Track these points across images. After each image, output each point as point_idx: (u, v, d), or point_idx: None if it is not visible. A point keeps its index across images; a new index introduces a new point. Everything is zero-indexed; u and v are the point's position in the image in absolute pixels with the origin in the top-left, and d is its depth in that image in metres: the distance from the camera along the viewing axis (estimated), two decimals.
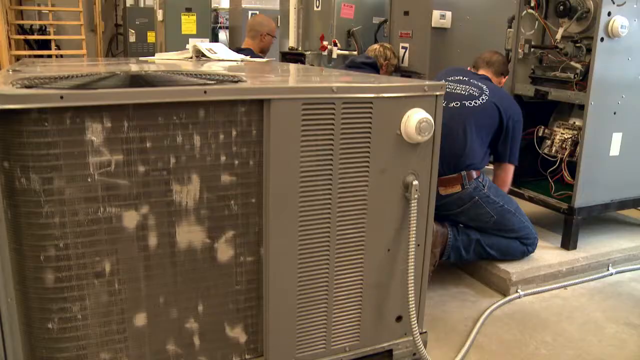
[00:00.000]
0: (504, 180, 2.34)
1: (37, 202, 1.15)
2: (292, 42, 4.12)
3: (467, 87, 2.25)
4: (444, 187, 2.09)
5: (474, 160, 2.13)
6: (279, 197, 1.33)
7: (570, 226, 2.40)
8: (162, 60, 2.61)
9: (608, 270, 2.39)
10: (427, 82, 1.44)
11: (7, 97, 1.07)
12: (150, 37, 8.52)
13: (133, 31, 8.44)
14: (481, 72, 2.45)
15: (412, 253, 1.52)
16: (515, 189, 2.66)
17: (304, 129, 1.31)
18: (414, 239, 1.51)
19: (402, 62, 3.36)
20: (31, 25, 7.36)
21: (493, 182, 2.29)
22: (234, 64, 2.51)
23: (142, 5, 8.58)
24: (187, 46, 2.71)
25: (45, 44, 7.09)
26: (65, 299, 1.22)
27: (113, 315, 1.26)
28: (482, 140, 2.17)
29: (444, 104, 2.20)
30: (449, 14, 3.17)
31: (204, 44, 2.73)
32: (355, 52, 3.69)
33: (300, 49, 4.08)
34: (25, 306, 1.21)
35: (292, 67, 2.16)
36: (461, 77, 2.31)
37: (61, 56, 7.11)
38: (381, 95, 1.37)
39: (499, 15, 3.27)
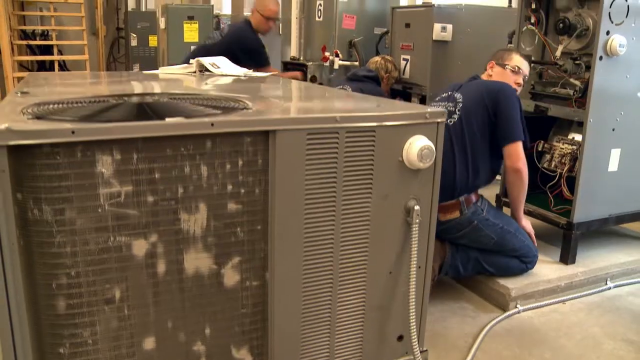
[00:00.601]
0: (513, 166, 2.13)
1: (50, 233, 1.18)
2: (293, 51, 4.15)
3: (446, 103, 2.26)
4: (442, 213, 2.12)
5: (468, 182, 2.14)
6: (284, 224, 1.36)
7: (569, 241, 2.43)
8: (166, 75, 2.64)
9: (606, 284, 2.43)
10: (428, 109, 1.47)
11: (20, 133, 1.10)
12: (152, 41, 8.55)
13: (135, 35, 8.47)
14: (485, 75, 2.40)
15: (414, 275, 1.55)
16: None
17: (309, 157, 1.34)
18: (415, 261, 1.54)
19: (403, 74, 3.39)
20: (33, 30, 7.40)
21: (506, 172, 2.20)
22: (238, 79, 2.54)
23: (143, 10, 8.63)
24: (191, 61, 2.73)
25: (47, 49, 7.12)
26: (76, 325, 1.25)
27: (123, 340, 1.30)
28: (473, 156, 2.15)
29: None
30: (449, 26, 3.20)
31: (207, 59, 2.76)
32: (357, 63, 3.73)
33: (302, 58, 4.11)
34: (38, 332, 1.24)
35: (295, 86, 2.19)
36: (446, 94, 2.33)
37: (63, 62, 7.14)
38: (384, 123, 1.40)
39: (500, 27, 3.30)
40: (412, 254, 1.53)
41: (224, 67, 2.70)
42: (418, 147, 1.42)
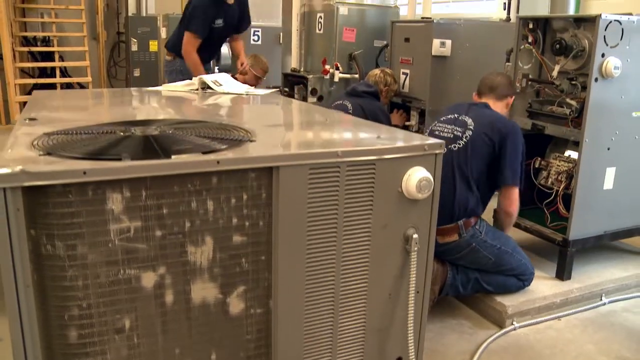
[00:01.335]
0: (507, 209, 2.28)
1: (62, 267, 1.23)
2: (294, 62, 4.20)
3: (452, 127, 2.30)
4: (441, 236, 2.16)
5: (467, 208, 2.18)
6: (287, 254, 1.41)
7: (564, 257, 2.48)
8: (169, 93, 2.69)
9: (601, 300, 2.48)
10: (427, 141, 1.52)
11: (35, 175, 1.15)
12: (152, 46, 8.59)
13: (135, 40, 8.51)
14: (484, 99, 2.44)
15: (412, 300, 1.60)
16: None
17: (311, 190, 1.39)
18: (413, 286, 1.59)
19: (403, 87, 3.44)
20: (34, 36, 7.43)
21: (498, 211, 2.32)
22: (239, 97, 2.59)
23: (144, 15, 8.65)
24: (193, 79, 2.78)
25: (48, 55, 7.16)
26: (87, 354, 1.29)
27: None
28: (473, 183, 2.21)
29: None
30: (448, 42, 3.25)
31: (209, 76, 2.81)
32: (357, 76, 3.77)
33: (302, 69, 4.15)
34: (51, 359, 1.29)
35: (296, 109, 2.23)
36: (452, 116, 2.36)
37: (65, 69, 7.18)
38: (383, 157, 1.45)
39: (498, 41, 3.35)
40: (411, 280, 1.58)
41: (225, 85, 2.75)
42: (417, 178, 1.47)
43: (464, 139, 2.23)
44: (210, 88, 2.70)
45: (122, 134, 1.52)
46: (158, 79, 8.21)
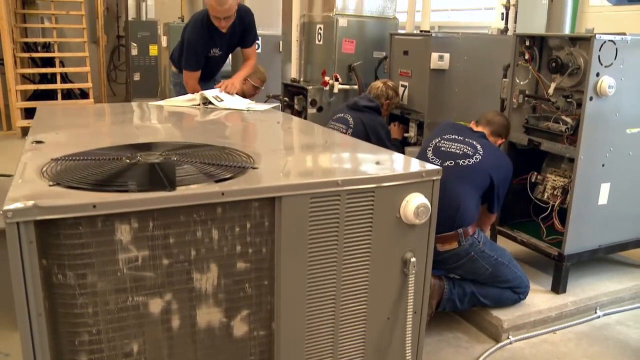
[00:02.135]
0: (486, 224, 2.54)
1: (73, 295, 1.27)
2: (293, 72, 4.24)
3: (461, 145, 2.37)
4: (441, 243, 2.22)
5: (469, 216, 2.25)
6: (289, 279, 1.46)
7: (560, 271, 2.53)
8: (171, 109, 2.73)
9: (596, 313, 2.53)
10: (425, 168, 1.56)
11: (47, 209, 1.19)
12: (152, 50, 8.64)
13: (135, 45, 8.55)
14: (480, 128, 2.55)
15: (410, 320, 1.64)
16: (509, 232, 2.79)
17: (312, 218, 1.43)
18: (411, 307, 1.64)
19: (402, 99, 3.48)
20: (35, 42, 7.45)
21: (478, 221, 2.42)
22: (240, 113, 2.63)
23: (144, 19, 8.68)
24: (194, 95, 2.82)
25: (49, 61, 7.19)
26: None
27: None
28: (475, 196, 2.29)
29: (438, 164, 2.34)
30: (447, 55, 3.29)
31: (210, 92, 2.85)
32: (356, 87, 3.82)
33: (302, 79, 4.20)
34: None
35: (296, 128, 2.27)
36: (456, 136, 2.43)
37: (66, 74, 7.20)
38: (382, 184, 1.49)
39: (495, 54, 3.40)
40: (409, 301, 1.62)
41: (226, 101, 2.79)
42: (415, 205, 1.51)
43: (474, 159, 2.33)
44: (212, 103, 2.75)
45: (127, 160, 1.56)
46: (158, 84, 8.26)
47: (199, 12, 3.51)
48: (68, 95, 6.96)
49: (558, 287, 2.54)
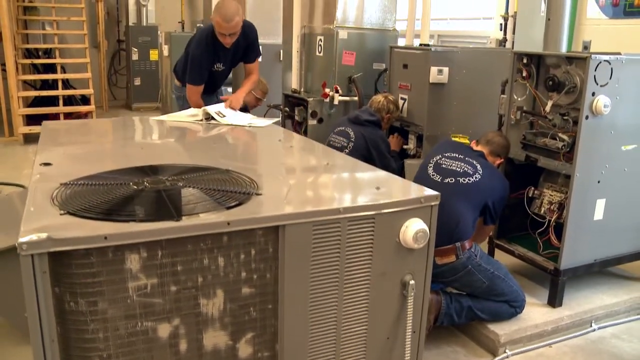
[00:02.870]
0: (482, 237, 2.60)
1: (84, 321, 1.32)
2: (294, 83, 4.28)
3: (461, 164, 2.42)
4: (439, 257, 2.26)
5: (467, 231, 2.30)
6: (292, 302, 1.50)
7: (556, 286, 2.58)
8: (174, 124, 2.78)
9: (591, 326, 2.58)
10: (423, 194, 1.61)
11: (60, 241, 1.24)
12: (153, 55, 8.68)
13: (136, 50, 8.59)
14: (479, 147, 2.60)
15: (409, 339, 1.69)
16: (506, 246, 2.84)
17: (314, 244, 1.48)
18: (410, 327, 1.69)
19: (402, 112, 3.53)
20: (36, 48, 7.48)
21: (474, 237, 2.48)
22: (242, 127, 2.68)
23: (144, 24, 8.72)
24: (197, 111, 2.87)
25: (50, 67, 7.23)
26: None
27: None
28: (473, 213, 2.35)
29: (438, 179, 2.39)
30: (446, 69, 3.34)
31: (212, 107, 2.90)
32: (356, 98, 3.86)
33: (302, 90, 4.24)
34: None
35: (297, 147, 2.32)
36: (457, 155, 2.48)
37: (67, 81, 7.23)
38: (382, 211, 1.54)
39: (494, 67, 3.45)
40: (408, 322, 1.67)
41: (228, 116, 2.84)
42: (414, 230, 1.56)
43: (474, 178, 2.39)
44: (214, 119, 2.79)
45: (135, 187, 1.61)
46: (159, 88, 8.30)
47: (204, 28, 3.56)
48: (69, 101, 6.99)
49: (554, 300, 2.59)
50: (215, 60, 3.45)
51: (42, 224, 1.31)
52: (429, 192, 1.64)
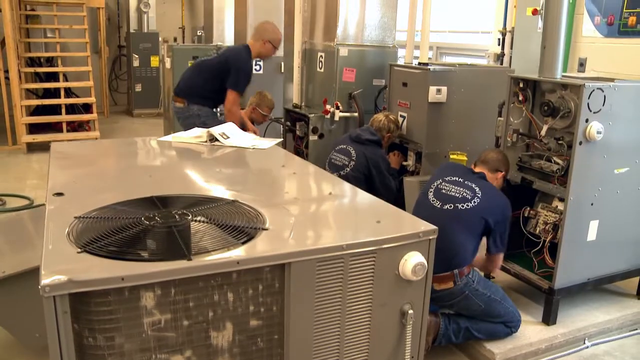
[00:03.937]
0: (490, 269, 2.65)
1: (102, 355, 1.40)
2: (295, 98, 4.36)
3: (461, 189, 2.48)
4: (437, 283, 2.34)
5: (465, 257, 2.38)
6: (297, 333, 1.59)
7: (550, 304, 2.66)
8: (179, 144, 2.85)
9: (584, 343, 2.66)
10: (421, 229, 1.69)
11: (80, 283, 1.32)
12: (154, 61, 8.76)
13: (137, 56, 8.66)
14: (478, 169, 2.65)
15: None
16: (503, 264, 2.92)
17: (318, 279, 1.56)
18: (409, 353, 1.77)
19: (401, 129, 3.61)
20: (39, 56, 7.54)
21: (481, 267, 2.54)
22: (245, 149, 2.75)
23: (145, 31, 8.79)
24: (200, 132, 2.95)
25: (52, 75, 7.29)
26: None
27: None
28: (473, 240, 2.41)
29: (438, 206, 2.46)
30: (444, 88, 3.42)
31: (216, 129, 2.97)
32: (357, 114, 3.94)
33: (303, 104, 4.32)
34: None
35: (300, 173, 2.39)
36: (457, 178, 2.54)
37: (70, 89, 7.30)
38: (383, 246, 1.62)
39: (491, 85, 3.52)
40: (407, 349, 1.75)
41: (232, 137, 2.91)
42: (412, 264, 1.64)
43: (473, 203, 2.43)
44: (218, 140, 2.86)
45: (146, 222, 1.67)
46: (159, 94, 8.36)
47: (242, 47, 4.01)
48: (72, 108, 7.06)
49: (548, 318, 2.67)
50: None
51: (61, 265, 1.38)
52: (427, 226, 1.72)
